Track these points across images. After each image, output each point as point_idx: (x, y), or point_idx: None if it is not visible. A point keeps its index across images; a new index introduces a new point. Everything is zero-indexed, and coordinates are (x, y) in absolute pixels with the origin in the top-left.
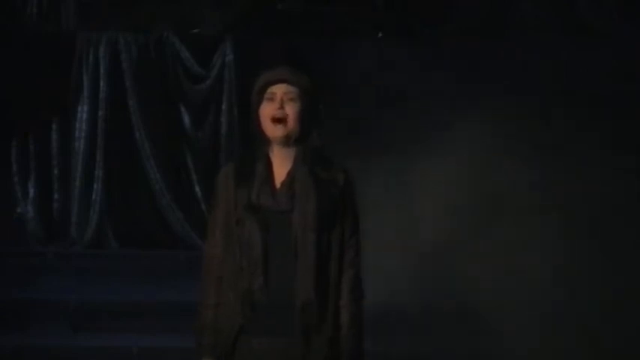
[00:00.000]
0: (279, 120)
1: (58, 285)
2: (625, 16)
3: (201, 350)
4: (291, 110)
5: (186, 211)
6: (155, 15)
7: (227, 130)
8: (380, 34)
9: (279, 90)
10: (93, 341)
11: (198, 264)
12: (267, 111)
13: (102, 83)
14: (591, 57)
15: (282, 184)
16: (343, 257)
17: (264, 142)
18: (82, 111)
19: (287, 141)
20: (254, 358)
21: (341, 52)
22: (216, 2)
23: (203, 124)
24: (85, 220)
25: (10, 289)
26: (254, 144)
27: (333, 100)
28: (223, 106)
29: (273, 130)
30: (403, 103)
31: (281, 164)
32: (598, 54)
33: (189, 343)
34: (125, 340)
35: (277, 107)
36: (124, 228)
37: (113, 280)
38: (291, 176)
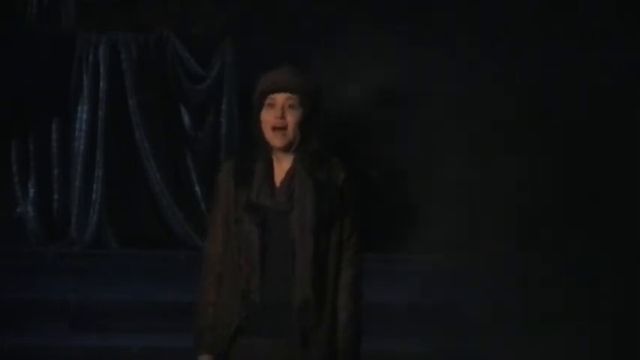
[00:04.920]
0: (279, 129)
1: (58, 285)
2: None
3: (200, 348)
4: (291, 118)
5: (186, 211)
6: (155, 15)
7: (227, 130)
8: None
9: (280, 97)
10: (93, 341)
11: (198, 264)
12: (267, 118)
13: (102, 83)
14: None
15: (282, 183)
16: (342, 256)
17: (265, 144)
18: (82, 111)
19: (287, 149)
20: (252, 358)
21: (341, 52)
22: (216, 2)
23: (203, 124)
24: (85, 220)
25: (10, 289)
26: (253, 143)
27: (332, 101)
28: (223, 106)
29: (273, 138)
30: (403, 102)
31: (280, 164)
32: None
33: (189, 343)
34: (125, 340)
35: (278, 116)
36: (124, 228)
37: (113, 280)
38: (290, 176)
